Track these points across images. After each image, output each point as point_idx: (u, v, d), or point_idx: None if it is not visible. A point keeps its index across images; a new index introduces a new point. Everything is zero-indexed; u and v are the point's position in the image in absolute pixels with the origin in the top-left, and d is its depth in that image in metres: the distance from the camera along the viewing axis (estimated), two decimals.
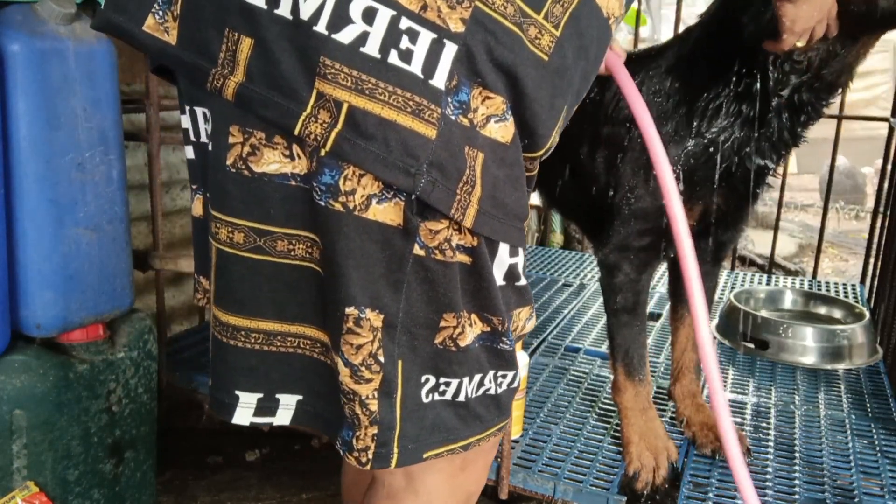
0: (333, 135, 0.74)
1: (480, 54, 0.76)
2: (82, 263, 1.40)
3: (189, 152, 0.93)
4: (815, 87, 1.28)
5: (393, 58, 0.74)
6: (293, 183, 0.79)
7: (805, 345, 2.07)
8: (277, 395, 0.92)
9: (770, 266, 3.05)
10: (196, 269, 1.03)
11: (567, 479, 1.47)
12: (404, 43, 0.73)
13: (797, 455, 1.61)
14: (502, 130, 0.80)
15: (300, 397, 0.93)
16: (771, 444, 1.65)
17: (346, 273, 0.79)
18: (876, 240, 2.68)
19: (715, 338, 2.28)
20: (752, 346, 2.12)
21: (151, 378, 1.59)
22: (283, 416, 0.93)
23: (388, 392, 0.84)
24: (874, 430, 1.72)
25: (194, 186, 0.96)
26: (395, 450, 0.87)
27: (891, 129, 2.64)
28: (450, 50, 0.75)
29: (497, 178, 0.81)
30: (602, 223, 1.50)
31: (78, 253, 1.39)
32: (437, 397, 0.89)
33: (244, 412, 0.91)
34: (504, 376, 0.93)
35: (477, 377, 0.90)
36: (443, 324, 0.85)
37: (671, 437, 1.56)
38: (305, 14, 0.74)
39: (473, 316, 0.87)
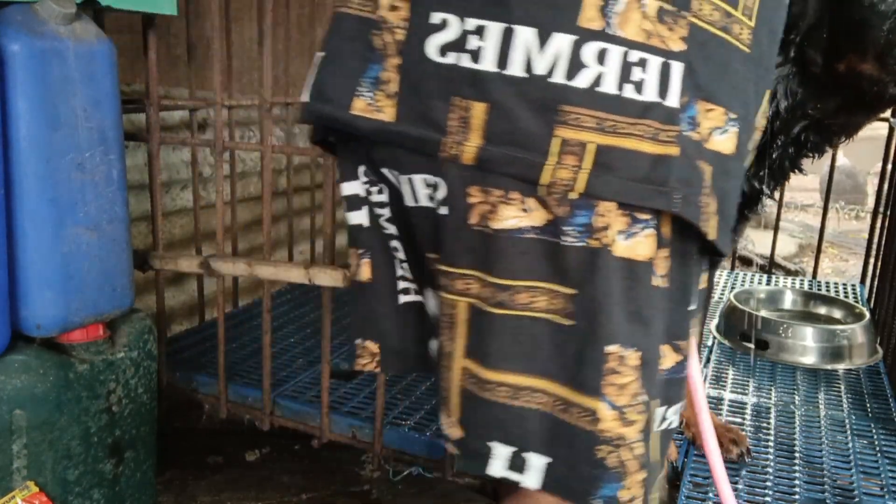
0: (583, 176, 0.77)
1: (699, 67, 0.79)
2: (82, 263, 1.40)
3: (357, 217, 0.95)
4: (822, 132, 1.31)
5: (628, 91, 0.76)
6: (530, 236, 0.81)
7: (805, 345, 2.07)
8: (524, 454, 0.89)
9: (770, 266, 3.05)
10: (357, 333, 1.03)
11: None
12: (637, 74, 0.76)
13: (797, 455, 1.61)
14: (727, 142, 0.82)
15: (549, 460, 0.89)
16: (771, 444, 1.65)
17: (605, 311, 0.80)
18: (876, 240, 2.68)
19: (715, 338, 2.28)
20: (752, 346, 2.12)
21: (151, 378, 1.59)
22: (532, 478, 0.89)
23: (647, 432, 0.84)
24: (874, 430, 1.72)
25: (360, 251, 0.97)
26: (656, 493, 0.87)
27: (891, 129, 2.64)
28: (676, 69, 0.78)
29: (723, 189, 0.83)
30: None
31: (78, 253, 1.39)
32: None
33: (497, 464, 0.89)
34: (676, 411, 0.92)
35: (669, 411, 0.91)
36: (662, 354, 0.86)
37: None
38: (540, 69, 0.76)
39: (665, 347, 0.87)
